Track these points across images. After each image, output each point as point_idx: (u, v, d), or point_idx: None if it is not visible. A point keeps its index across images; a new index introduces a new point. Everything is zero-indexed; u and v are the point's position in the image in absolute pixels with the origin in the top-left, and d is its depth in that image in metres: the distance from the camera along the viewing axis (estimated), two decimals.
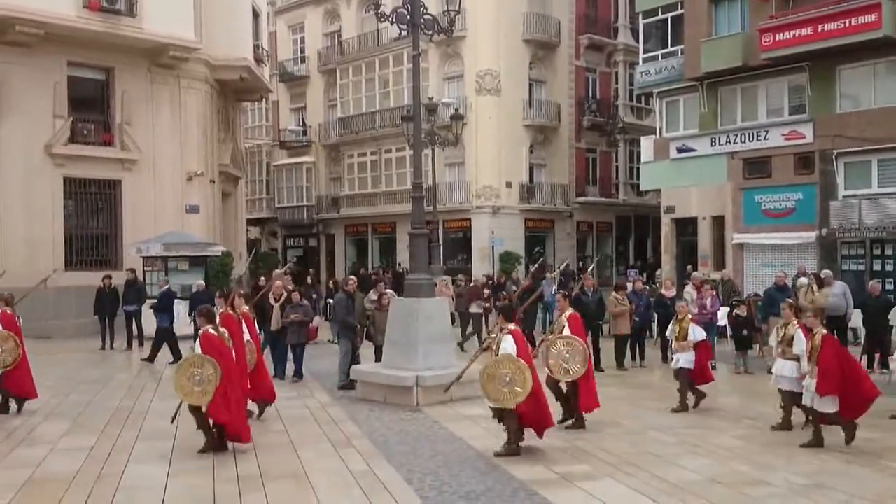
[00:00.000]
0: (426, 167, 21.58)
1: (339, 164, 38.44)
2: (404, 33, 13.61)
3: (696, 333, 11.27)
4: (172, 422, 9.04)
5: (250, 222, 38.66)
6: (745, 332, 15.18)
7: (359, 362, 13.31)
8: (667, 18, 27.22)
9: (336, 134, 37.96)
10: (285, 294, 14.33)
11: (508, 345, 8.72)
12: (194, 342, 9.10)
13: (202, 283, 19.61)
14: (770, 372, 14.26)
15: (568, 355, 9.60)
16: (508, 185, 32.84)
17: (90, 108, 23.45)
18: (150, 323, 19.35)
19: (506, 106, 32.60)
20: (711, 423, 10.49)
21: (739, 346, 15.18)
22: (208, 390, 8.56)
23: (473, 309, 18.76)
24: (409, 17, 12.79)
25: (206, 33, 24.71)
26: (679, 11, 26.51)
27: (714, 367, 14.75)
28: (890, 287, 20.35)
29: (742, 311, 15.32)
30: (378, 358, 13.46)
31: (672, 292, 16.66)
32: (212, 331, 8.93)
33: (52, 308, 21.00)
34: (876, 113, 21.79)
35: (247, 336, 10.43)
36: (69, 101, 22.44)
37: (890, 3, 20.64)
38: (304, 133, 40.69)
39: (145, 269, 21.14)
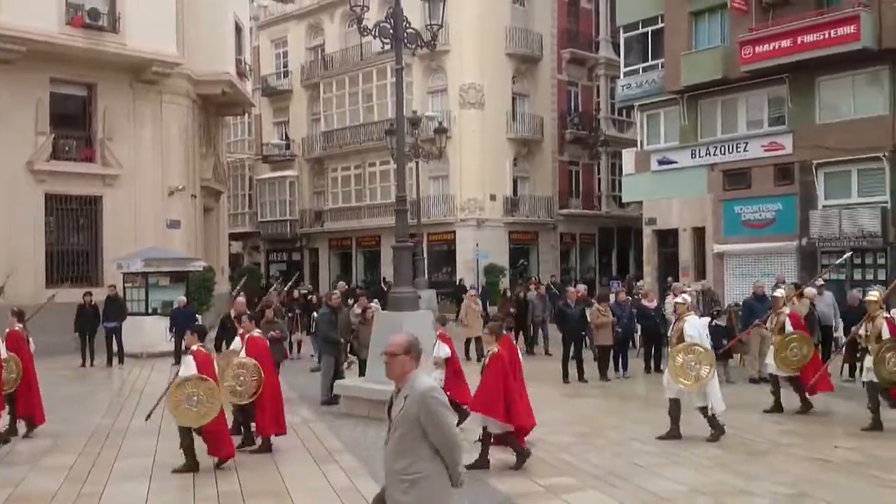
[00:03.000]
0: (410, 181, 21.63)
1: (323, 177, 38.40)
2: (387, 47, 13.63)
3: (441, 350, 10.75)
4: None
5: (233, 237, 38.48)
6: (725, 342, 15.22)
7: (342, 377, 13.25)
8: (647, 32, 27.50)
9: (320, 148, 37.93)
10: (247, 313, 13.96)
11: (188, 367, 8.68)
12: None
13: (184, 298, 19.56)
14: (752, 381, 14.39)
15: (242, 378, 9.48)
16: (492, 197, 32.92)
17: (72, 124, 23.32)
18: (130, 339, 19.27)
19: (489, 119, 32.74)
20: (693, 434, 10.52)
21: (720, 356, 15.21)
22: None
23: None
24: (391, 31, 12.83)
25: (189, 48, 24.70)
26: (659, 25, 26.77)
27: None
28: None
29: (722, 321, 15.38)
30: (361, 372, 13.41)
31: (654, 303, 16.74)
32: None
33: (32, 325, 20.76)
34: (855, 123, 22.05)
35: (5, 354, 10.37)
36: (51, 118, 22.31)
37: (868, 15, 20.94)
38: (288, 147, 40.64)
39: (125, 285, 21.00)
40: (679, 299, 10.75)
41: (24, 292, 21.19)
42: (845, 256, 16.94)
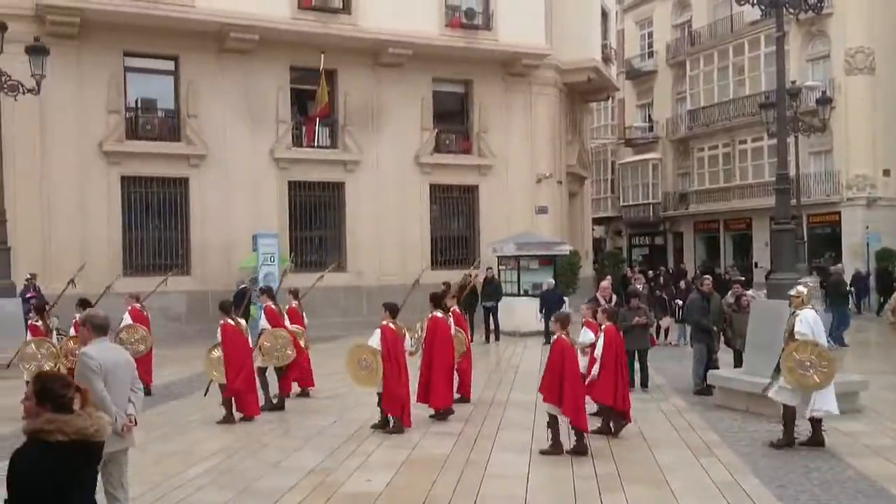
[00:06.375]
0: (789, 157, 19.92)
1: (688, 158, 37.22)
2: (764, 16, 12.66)
3: (586, 337, 10.07)
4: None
5: (595, 221, 38.95)
6: None
7: (717, 367, 12.64)
8: None
9: (685, 128, 36.81)
10: (615, 297, 13.83)
11: (375, 337, 9.68)
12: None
13: (552, 281, 20.20)
14: None
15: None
16: (886, 173, 29.23)
17: (451, 119, 25.40)
18: (504, 319, 20.34)
19: (882, 86, 29.09)
20: None
21: None
22: None
23: None
24: None
25: (556, 38, 25.43)
26: None
27: None
28: None
29: None
30: (737, 363, 12.69)
31: None
32: None
33: (422, 304, 23.00)
34: None
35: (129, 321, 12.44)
36: (434, 114, 24.47)
37: None
38: (651, 129, 40.05)
39: (500, 267, 22.25)
40: (793, 291, 9.24)
41: (411, 273, 23.47)
42: None
